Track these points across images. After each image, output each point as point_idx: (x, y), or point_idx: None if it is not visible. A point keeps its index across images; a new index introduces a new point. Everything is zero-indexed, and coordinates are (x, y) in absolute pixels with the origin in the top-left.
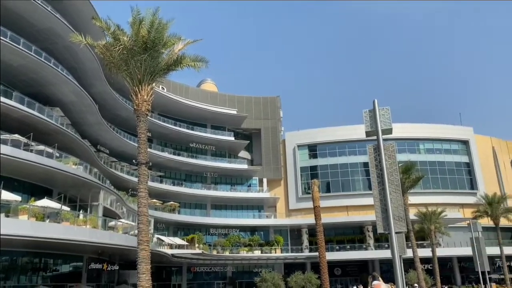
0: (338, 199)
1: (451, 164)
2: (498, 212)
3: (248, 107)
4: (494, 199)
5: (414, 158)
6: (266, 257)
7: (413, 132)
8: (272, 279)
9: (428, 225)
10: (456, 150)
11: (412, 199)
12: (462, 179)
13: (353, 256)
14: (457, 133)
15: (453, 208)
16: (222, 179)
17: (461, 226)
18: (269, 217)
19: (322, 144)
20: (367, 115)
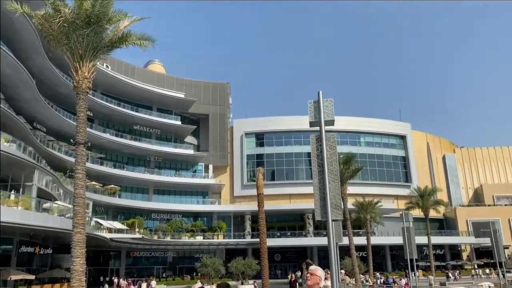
0: (282, 187)
1: (389, 158)
2: (428, 204)
3: (196, 92)
4: (425, 191)
5: (355, 150)
6: (208, 243)
7: (355, 126)
8: (213, 264)
9: (364, 214)
10: (394, 145)
11: (351, 189)
12: (398, 172)
13: (293, 243)
14: (396, 128)
15: (388, 199)
16: (167, 164)
17: (394, 216)
18: (213, 204)
19: (269, 133)
20: (312, 105)
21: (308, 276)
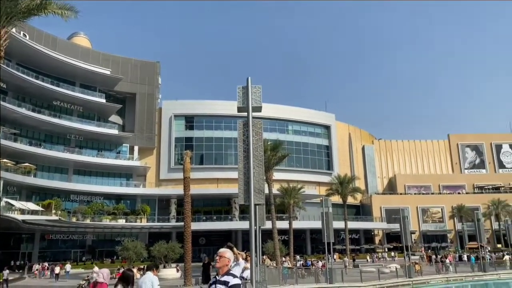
0: (210, 172)
1: (314, 146)
2: (347, 191)
3: (124, 69)
4: (345, 179)
5: (283, 138)
6: (131, 226)
7: (284, 114)
8: (135, 248)
9: (288, 199)
10: (319, 134)
11: (277, 175)
12: (321, 160)
13: (219, 227)
14: (321, 118)
15: (311, 185)
16: (89, 143)
17: (316, 202)
18: (137, 186)
19: (199, 116)
20: (240, 91)
21: (217, 259)
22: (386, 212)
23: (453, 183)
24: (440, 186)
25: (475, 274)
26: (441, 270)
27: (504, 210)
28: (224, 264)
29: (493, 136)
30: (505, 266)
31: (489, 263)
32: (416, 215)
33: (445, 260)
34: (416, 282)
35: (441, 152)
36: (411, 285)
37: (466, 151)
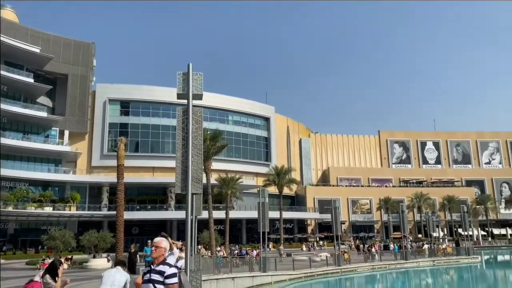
0: (146, 160)
1: (253, 137)
2: (283, 182)
3: (56, 49)
4: (281, 170)
5: (223, 128)
6: (59, 215)
7: (225, 104)
8: (62, 237)
9: (226, 189)
10: (259, 125)
11: (215, 165)
12: (260, 151)
13: (153, 216)
14: (261, 110)
15: (249, 176)
16: (13, 126)
17: (253, 192)
18: (67, 173)
19: (136, 102)
20: (181, 77)
21: (153, 249)
22: (319, 202)
23: (382, 177)
24: (369, 179)
25: (397, 262)
26: (368, 258)
27: (425, 203)
28: (161, 254)
29: (419, 133)
30: (424, 255)
31: (411, 252)
32: (347, 206)
33: (372, 249)
34: (345, 270)
35: (372, 147)
36: (340, 273)
37: (394, 147)
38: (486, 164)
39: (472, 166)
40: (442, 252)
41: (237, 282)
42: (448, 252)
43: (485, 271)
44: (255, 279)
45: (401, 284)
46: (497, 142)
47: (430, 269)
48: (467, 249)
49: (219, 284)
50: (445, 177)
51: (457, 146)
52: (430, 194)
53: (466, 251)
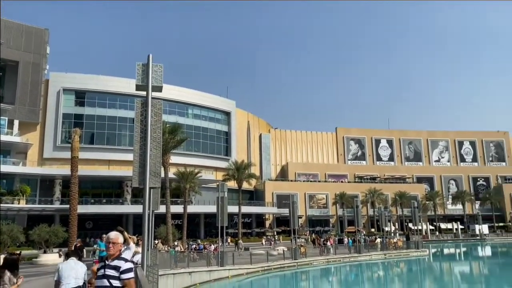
0: (102, 152)
1: (213, 131)
2: (242, 177)
3: (6, 34)
4: (241, 165)
5: (182, 121)
6: (6, 208)
7: (185, 97)
8: (10, 231)
9: (184, 184)
10: (219, 120)
11: (174, 159)
12: (220, 146)
13: (109, 210)
14: (222, 104)
15: (208, 170)
16: None
17: (212, 186)
18: (16, 164)
19: (92, 92)
20: (140, 68)
21: (110, 246)
22: (278, 197)
23: (338, 172)
24: (326, 175)
25: (351, 256)
26: (323, 252)
27: (378, 198)
28: (118, 250)
29: (374, 131)
30: (376, 248)
31: (364, 245)
32: (304, 201)
33: (327, 243)
34: (301, 263)
35: (329, 143)
36: (296, 266)
37: (350, 143)
38: (436, 162)
39: (422, 163)
40: (393, 245)
41: (194, 276)
42: (399, 245)
43: (432, 264)
44: (213, 273)
45: (354, 277)
46: (446, 141)
47: (381, 262)
48: (416, 242)
49: (176, 279)
50: (398, 174)
51: (409, 144)
52: (383, 190)
53: (415, 245)
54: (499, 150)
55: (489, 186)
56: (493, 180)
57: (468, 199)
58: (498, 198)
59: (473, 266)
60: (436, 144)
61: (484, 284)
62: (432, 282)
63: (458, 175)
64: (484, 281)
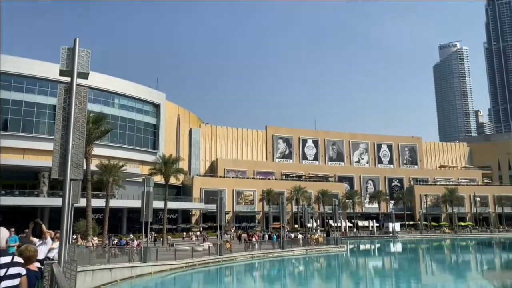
0: (16, 140)
1: (141, 124)
2: (170, 171)
3: None
4: (169, 160)
5: (107, 111)
6: None
7: (111, 85)
8: None
9: (107, 177)
10: (148, 111)
11: (97, 150)
12: (147, 139)
13: (22, 203)
14: (151, 96)
15: (134, 163)
16: None
17: (137, 180)
18: None
19: (7, 75)
20: (65, 52)
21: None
22: (205, 193)
23: (266, 170)
24: (254, 172)
25: (275, 251)
26: (248, 247)
27: (303, 195)
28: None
29: (301, 131)
30: (299, 244)
31: (287, 241)
32: (232, 197)
33: (252, 239)
34: (226, 259)
35: (259, 141)
36: (221, 262)
37: (279, 142)
38: (356, 163)
39: (344, 163)
40: (315, 241)
41: (115, 272)
42: (320, 241)
43: (349, 259)
44: (135, 269)
45: (276, 272)
46: (366, 143)
47: (303, 257)
48: (336, 239)
49: (95, 275)
50: (321, 173)
51: (333, 145)
52: (307, 187)
53: (335, 241)
54: (412, 154)
55: (402, 187)
56: (406, 181)
57: (384, 199)
58: (410, 198)
59: (385, 261)
60: (357, 146)
61: (394, 278)
62: (348, 275)
63: (376, 176)
64: (394, 274)
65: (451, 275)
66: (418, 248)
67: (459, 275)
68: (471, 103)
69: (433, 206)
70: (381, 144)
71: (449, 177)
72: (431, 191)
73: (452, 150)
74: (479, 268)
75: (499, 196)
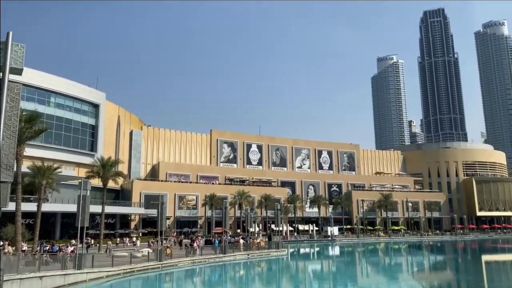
0: None
1: (78, 124)
2: (109, 174)
3: None
4: (108, 162)
5: (42, 110)
6: None
7: (47, 83)
8: None
9: (40, 179)
10: (86, 112)
11: (30, 151)
12: (85, 140)
13: None
14: (91, 95)
15: (69, 165)
16: None
17: (73, 184)
18: None
19: None
20: None
21: None
22: (146, 197)
23: (210, 174)
24: (198, 176)
25: (217, 256)
26: (189, 253)
27: (246, 200)
28: None
29: (246, 136)
30: (240, 249)
31: (229, 246)
32: (174, 202)
33: (194, 244)
34: (166, 265)
35: (203, 144)
36: (161, 268)
37: (223, 146)
38: (298, 168)
39: (287, 169)
40: (257, 246)
41: (45, 281)
42: (261, 246)
43: (290, 262)
44: (68, 277)
45: (217, 277)
46: (308, 149)
47: (244, 261)
48: (277, 243)
49: (24, 284)
50: (265, 178)
51: (276, 150)
52: (251, 192)
53: (276, 245)
54: (350, 161)
55: (341, 192)
56: (344, 187)
57: (323, 203)
58: (348, 203)
59: (323, 264)
60: (299, 151)
61: (331, 280)
62: (287, 279)
63: (316, 181)
64: (331, 277)
65: (385, 277)
66: (355, 251)
67: (391, 277)
68: (405, 113)
69: (369, 210)
70: (322, 150)
71: (384, 183)
72: (367, 196)
73: (387, 158)
74: (409, 269)
75: (428, 201)
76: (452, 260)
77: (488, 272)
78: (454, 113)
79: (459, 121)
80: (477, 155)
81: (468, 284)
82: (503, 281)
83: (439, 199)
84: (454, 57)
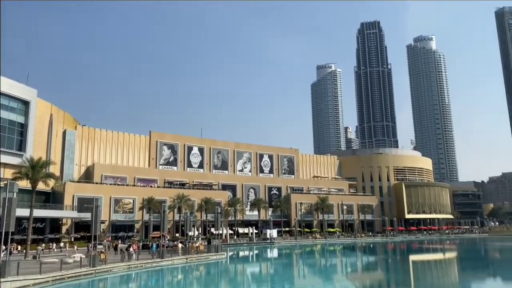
0: None
1: (5, 122)
2: (38, 176)
3: None
4: (38, 163)
5: None
6: None
7: None
8: None
9: None
10: (14, 109)
11: None
12: (12, 139)
13: None
14: (20, 91)
15: None
16: None
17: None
18: None
19: None
20: None
21: None
22: (79, 200)
23: (148, 177)
24: (135, 178)
25: (154, 261)
26: (125, 258)
27: (185, 203)
28: None
29: (187, 138)
30: (178, 253)
31: (167, 250)
32: (109, 205)
33: (130, 249)
34: (100, 271)
35: (142, 146)
36: (94, 274)
37: (163, 148)
38: (240, 171)
39: (228, 172)
40: (195, 250)
41: None
42: (200, 250)
43: (228, 266)
44: None
45: (154, 282)
46: (250, 153)
47: (182, 266)
48: (216, 246)
49: None
50: (206, 181)
51: (218, 153)
52: (191, 195)
53: (215, 249)
54: (290, 165)
55: (280, 195)
56: (284, 190)
57: (263, 206)
58: (287, 206)
59: (262, 266)
60: (241, 155)
61: (269, 282)
62: (225, 282)
63: (257, 184)
64: (269, 279)
65: (320, 278)
66: (292, 253)
67: (327, 277)
68: (342, 120)
69: (307, 213)
70: (263, 154)
71: (321, 186)
72: (305, 199)
73: (325, 162)
74: (343, 270)
75: (362, 204)
76: (383, 261)
77: (414, 271)
78: (387, 121)
79: (391, 129)
80: (407, 161)
81: (397, 282)
82: (427, 279)
83: (371, 202)
84: (387, 68)
